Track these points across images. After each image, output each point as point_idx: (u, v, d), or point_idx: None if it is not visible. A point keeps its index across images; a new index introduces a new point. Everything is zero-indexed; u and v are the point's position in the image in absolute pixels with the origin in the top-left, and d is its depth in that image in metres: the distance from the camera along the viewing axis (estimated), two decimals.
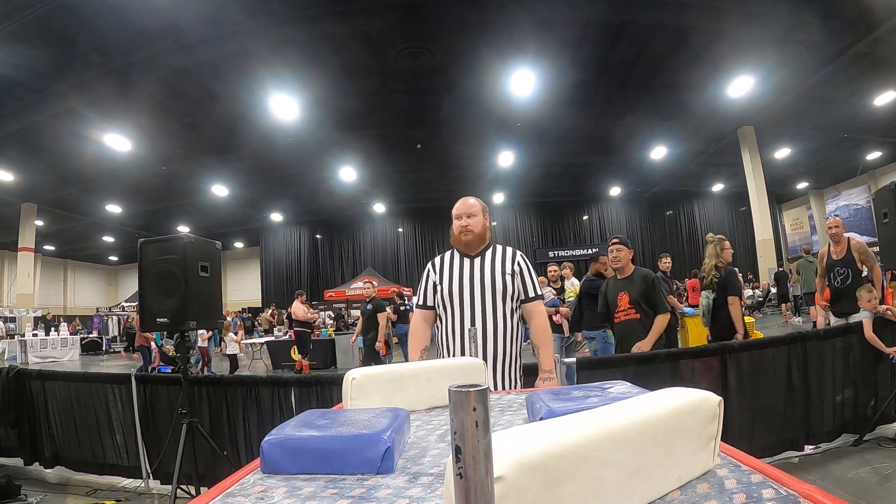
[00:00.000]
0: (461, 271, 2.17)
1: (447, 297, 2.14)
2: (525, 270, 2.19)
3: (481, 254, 2.22)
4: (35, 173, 12.66)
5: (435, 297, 2.20)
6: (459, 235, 2.19)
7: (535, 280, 2.21)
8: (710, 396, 0.60)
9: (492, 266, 2.16)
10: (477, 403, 0.30)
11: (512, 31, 8.00)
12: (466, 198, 2.29)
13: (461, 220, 2.20)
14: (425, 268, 2.31)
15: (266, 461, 0.67)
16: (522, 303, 2.18)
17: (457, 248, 2.25)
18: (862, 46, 8.58)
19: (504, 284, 2.11)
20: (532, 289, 2.18)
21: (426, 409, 1.10)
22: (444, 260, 2.25)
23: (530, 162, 14.78)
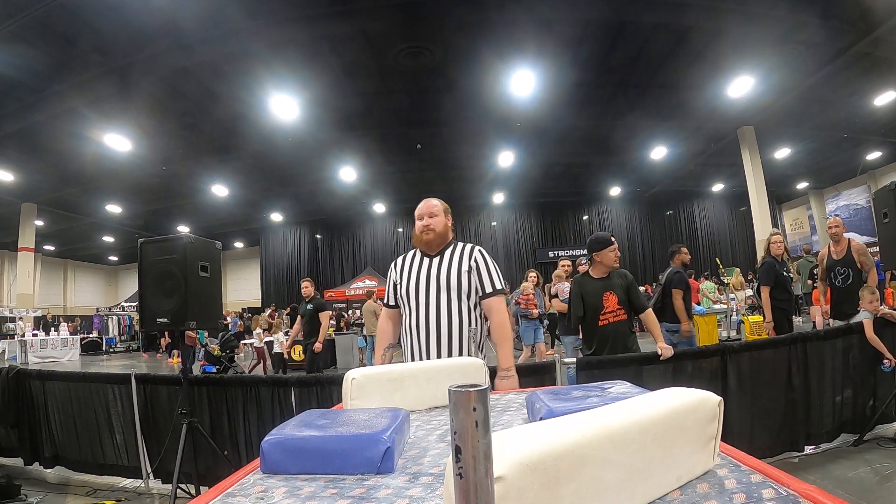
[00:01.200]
0: (419, 270, 2.20)
1: (405, 296, 2.18)
2: (483, 265, 2.17)
3: (441, 253, 2.23)
4: (35, 173, 12.66)
5: (396, 296, 2.25)
6: (421, 235, 2.21)
7: (496, 274, 2.18)
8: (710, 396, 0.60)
9: (449, 264, 2.18)
10: (477, 403, 0.30)
11: (512, 31, 7.99)
12: (429, 199, 2.31)
13: (423, 220, 2.22)
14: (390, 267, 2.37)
15: (266, 461, 0.67)
16: (481, 298, 2.16)
17: (418, 247, 2.28)
18: (862, 46, 8.57)
19: (459, 282, 2.12)
20: (491, 284, 2.15)
21: (426, 409, 1.10)
22: (406, 259, 2.29)
23: (530, 162, 14.77)
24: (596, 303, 3.27)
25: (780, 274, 4.87)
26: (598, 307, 3.26)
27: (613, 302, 3.23)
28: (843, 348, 3.51)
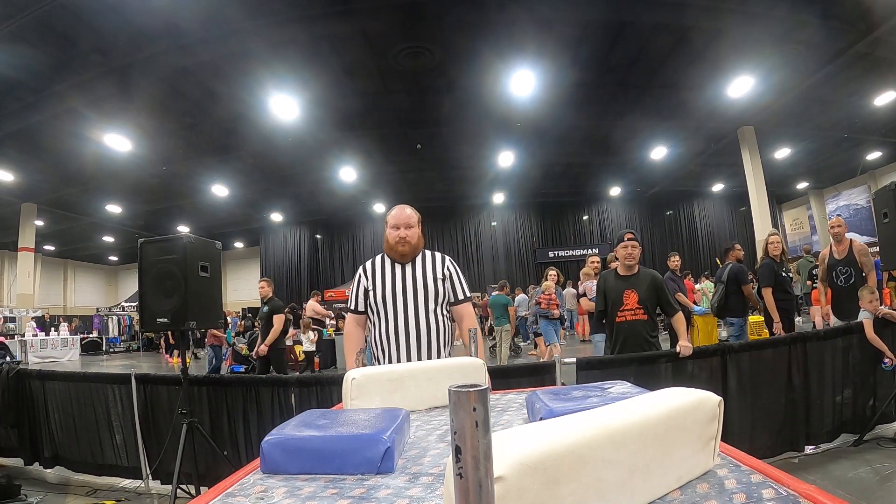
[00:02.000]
0: (393, 277, 2.25)
1: (380, 303, 2.22)
2: (454, 275, 2.31)
3: (412, 261, 2.31)
4: (35, 173, 12.66)
5: (366, 303, 2.28)
6: (396, 245, 2.26)
7: (464, 283, 2.33)
8: (710, 396, 0.60)
9: (423, 272, 2.26)
10: (477, 403, 0.30)
11: (512, 31, 7.99)
12: (403, 207, 2.37)
13: (399, 231, 2.27)
14: (356, 273, 2.39)
15: (266, 461, 0.67)
16: (452, 305, 2.29)
17: (389, 255, 2.33)
18: (862, 46, 8.57)
19: (435, 289, 2.22)
20: (461, 292, 2.30)
21: (426, 409, 1.10)
22: (376, 265, 2.33)
23: (530, 162, 14.77)
24: (616, 299, 3.33)
25: (779, 274, 4.88)
26: (618, 303, 3.31)
27: (633, 300, 3.26)
28: (842, 348, 3.52)
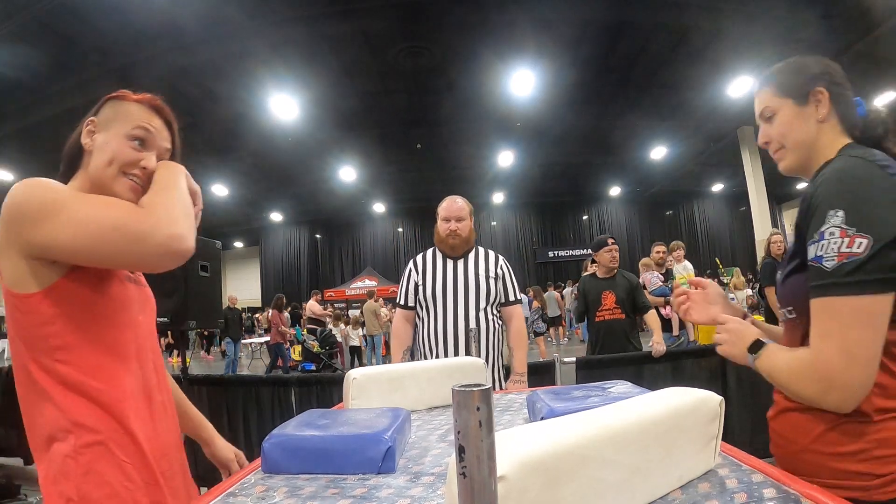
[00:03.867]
0: (444, 273, 2.17)
1: (430, 299, 2.14)
2: (507, 275, 2.25)
3: (465, 256, 2.22)
4: (35, 173, 12.31)
5: (416, 298, 2.20)
6: (447, 238, 2.20)
7: (516, 285, 2.28)
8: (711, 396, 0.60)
9: (476, 269, 2.17)
10: (481, 403, 0.30)
11: (512, 31, 7.99)
12: (454, 198, 2.28)
13: (449, 224, 2.20)
14: (407, 266, 2.31)
15: (267, 461, 0.68)
16: (502, 306, 2.22)
17: (440, 248, 2.26)
18: (862, 46, 8.57)
19: (488, 288, 2.14)
20: (512, 293, 2.24)
21: (427, 408, 1.10)
22: (427, 260, 2.26)
23: (530, 162, 14.77)
24: (595, 300, 3.56)
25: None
26: (597, 304, 3.54)
27: (611, 301, 3.49)
28: None
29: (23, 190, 0.82)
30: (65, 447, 0.80)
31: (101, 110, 0.96)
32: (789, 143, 0.96)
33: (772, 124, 0.99)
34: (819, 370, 0.76)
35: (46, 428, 0.82)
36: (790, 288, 0.88)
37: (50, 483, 0.81)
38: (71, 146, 0.97)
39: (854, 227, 0.75)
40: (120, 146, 0.92)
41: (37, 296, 0.80)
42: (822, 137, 0.94)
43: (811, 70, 0.98)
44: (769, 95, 1.00)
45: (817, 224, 0.79)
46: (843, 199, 0.77)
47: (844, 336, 0.74)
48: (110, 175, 0.91)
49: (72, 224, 0.78)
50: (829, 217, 0.77)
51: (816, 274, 0.78)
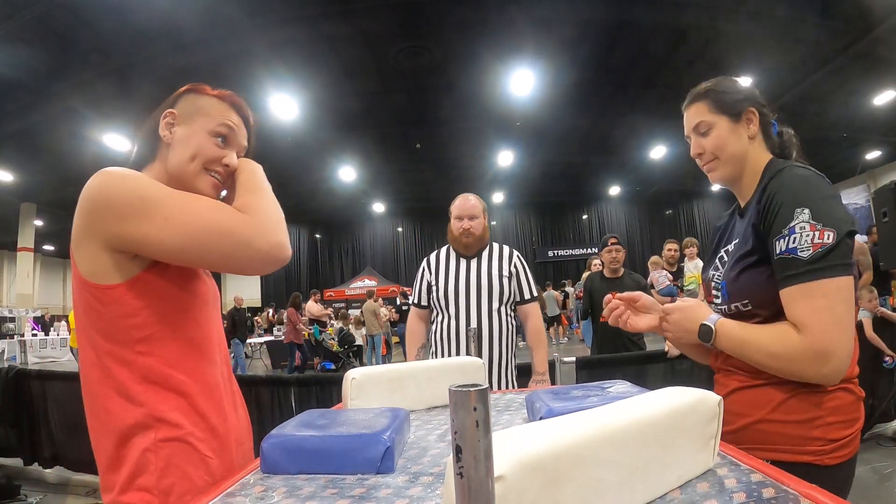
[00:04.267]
0: (457, 272, 2.13)
1: (443, 298, 2.11)
2: (522, 272, 2.19)
3: (478, 254, 2.19)
4: (35, 173, 12.66)
5: (430, 297, 2.18)
6: (460, 237, 2.15)
7: (531, 281, 2.22)
8: (710, 396, 0.60)
9: (489, 267, 2.13)
10: (478, 403, 0.30)
11: (511, 31, 8.00)
12: (467, 196, 2.24)
13: (462, 223, 2.16)
14: (420, 265, 2.28)
15: (266, 461, 0.68)
16: (517, 304, 2.16)
17: (454, 247, 2.22)
18: (861, 46, 8.58)
19: (501, 286, 2.09)
20: (528, 291, 2.18)
21: (426, 408, 1.10)
22: (440, 259, 2.22)
23: (530, 162, 14.78)
24: (600, 300, 3.45)
25: None
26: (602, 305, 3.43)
27: None
28: None
29: (109, 181, 0.79)
30: (144, 441, 0.79)
31: (178, 102, 0.95)
32: (724, 155, 1.06)
33: (706, 138, 1.08)
34: (816, 344, 0.83)
35: (122, 422, 0.79)
36: (746, 282, 0.96)
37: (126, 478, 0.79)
38: (148, 135, 0.95)
39: (820, 222, 0.86)
40: (203, 142, 0.92)
41: (120, 287, 0.79)
42: (750, 153, 1.06)
43: (743, 91, 1.08)
44: (705, 111, 1.08)
45: (784, 221, 0.89)
46: (807, 199, 0.89)
47: (834, 311, 0.84)
48: (193, 171, 0.91)
49: (172, 224, 0.77)
50: (797, 214, 0.88)
51: (792, 264, 0.87)
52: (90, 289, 0.80)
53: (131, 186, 0.78)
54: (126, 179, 0.79)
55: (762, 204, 0.94)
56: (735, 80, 1.11)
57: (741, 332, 0.93)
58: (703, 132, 1.09)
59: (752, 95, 1.09)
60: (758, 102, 1.08)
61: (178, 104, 0.95)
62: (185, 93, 0.96)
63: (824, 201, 0.89)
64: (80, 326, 0.82)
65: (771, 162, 1.05)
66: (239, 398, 1.02)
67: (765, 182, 0.98)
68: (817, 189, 0.91)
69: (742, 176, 1.07)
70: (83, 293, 0.80)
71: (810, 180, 0.93)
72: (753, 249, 0.95)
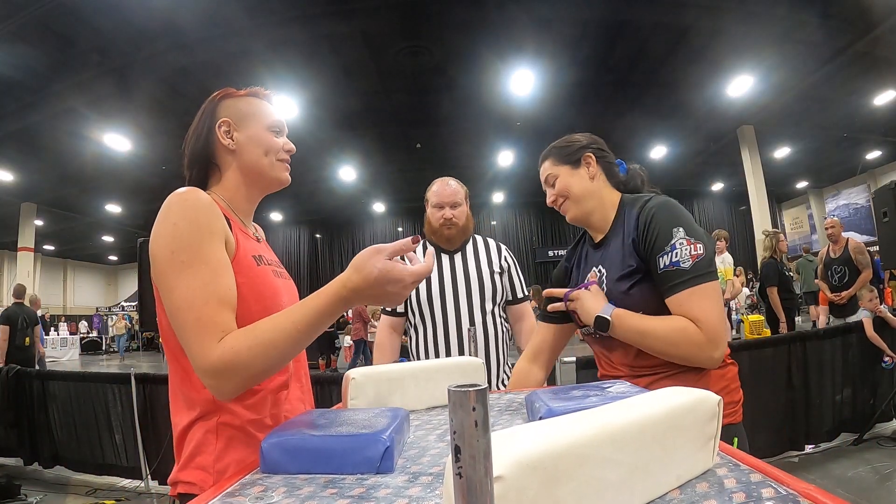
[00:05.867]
0: (440, 271, 1.86)
1: (424, 303, 1.83)
2: (513, 268, 1.94)
3: (461, 248, 1.92)
4: (35, 173, 12.65)
5: (407, 303, 1.88)
6: (441, 229, 1.87)
7: (522, 278, 1.98)
8: (710, 396, 0.60)
9: (476, 263, 1.86)
10: (476, 403, 0.30)
11: (511, 30, 7.99)
12: (446, 180, 1.96)
13: (443, 211, 1.88)
14: None
15: (265, 461, 0.68)
16: (509, 304, 1.94)
17: (433, 240, 1.94)
18: (861, 45, 8.58)
19: (493, 284, 1.84)
20: (520, 288, 1.95)
21: (426, 408, 1.10)
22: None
23: (530, 161, 14.73)
24: None
25: (782, 273, 4.93)
26: None
27: None
28: (842, 347, 3.52)
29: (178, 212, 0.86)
30: (209, 424, 0.86)
31: (220, 110, 1.02)
32: (571, 195, 1.25)
33: (555, 187, 1.28)
34: (710, 334, 1.01)
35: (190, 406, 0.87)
36: (639, 296, 1.11)
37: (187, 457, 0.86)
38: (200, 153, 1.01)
39: (692, 237, 1.06)
40: (268, 138, 1.02)
41: None
42: (597, 192, 1.25)
43: (580, 142, 1.28)
44: (550, 165, 1.29)
45: (665, 240, 1.07)
46: (679, 220, 1.08)
47: (716, 308, 1.03)
48: (268, 164, 1.02)
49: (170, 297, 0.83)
50: (675, 233, 1.07)
51: (677, 274, 1.04)
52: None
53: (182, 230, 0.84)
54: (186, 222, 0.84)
55: (640, 229, 1.11)
56: (574, 135, 1.31)
57: (640, 322, 1.07)
58: (552, 183, 1.28)
59: (589, 143, 1.28)
60: (595, 148, 1.28)
61: (221, 112, 1.02)
62: (221, 99, 1.04)
63: (689, 220, 1.09)
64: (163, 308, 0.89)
65: (623, 198, 1.24)
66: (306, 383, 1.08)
67: (633, 213, 1.15)
68: (680, 210, 1.11)
69: (593, 213, 1.25)
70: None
71: (674, 205, 1.12)
72: (638, 268, 1.11)
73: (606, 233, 1.24)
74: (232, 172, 1.01)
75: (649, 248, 1.09)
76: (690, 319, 1.02)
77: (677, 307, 1.04)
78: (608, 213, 1.24)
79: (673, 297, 1.05)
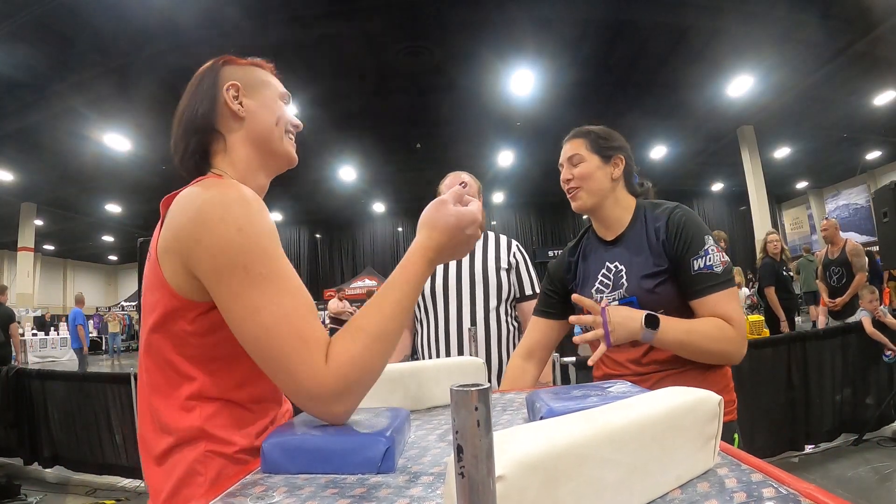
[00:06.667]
0: (446, 266, 1.85)
1: (429, 298, 1.83)
2: (522, 264, 1.90)
3: None
4: (35, 173, 12.66)
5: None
6: None
7: (534, 275, 1.93)
8: (710, 396, 0.60)
9: (484, 259, 1.84)
10: (479, 403, 0.30)
11: (511, 30, 8.00)
12: (459, 173, 1.93)
13: None
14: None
15: (266, 461, 0.68)
16: (517, 301, 1.89)
17: None
18: (861, 46, 8.58)
19: (499, 281, 1.81)
20: (530, 285, 1.91)
21: (426, 408, 1.10)
22: None
23: (530, 162, 14.78)
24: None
25: (780, 273, 4.94)
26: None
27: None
28: (842, 347, 3.52)
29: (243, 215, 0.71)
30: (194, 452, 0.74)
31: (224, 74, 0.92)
32: (588, 187, 1.29)
33: (577, 168, 1.30)
34: (741, 332, 1.12)
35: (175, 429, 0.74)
36: (664, 295, 1.17)
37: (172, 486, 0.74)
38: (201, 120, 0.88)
39: (717, 245, 1.16)
40: (280, 107, 0.96)
41: (200, 305, 0.73)
42: (613, 193, 1.29)
43: (618, 141, 1.32)
44: (582, 147, 1.31)
45: (699, 245, 1.15)
46: (706, 230, 1.18)
47: (741, 311, 1.13)
48: (278, 135, 0.93)
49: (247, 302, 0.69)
50: (706, 240, 1.16)
51: (711, 277, 1.13)
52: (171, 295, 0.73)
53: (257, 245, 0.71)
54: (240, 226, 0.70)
55: (671, 232, 1.18)
56: (613, 131, 1.34)
57: (685, 322, 1.12)
58: (575, 164, 1.31)
59: (624, 147, 1.32)
60: (627, 154, 1.31)
61: (227, 75, 0.92)
62: (224, 65, 0.95)
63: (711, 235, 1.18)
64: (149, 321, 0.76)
65: (640, 202, 1.30)
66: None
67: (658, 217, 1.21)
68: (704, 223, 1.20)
69: (601, 207, 1.29)
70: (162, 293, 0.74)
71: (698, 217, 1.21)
72: (666, 269, 1.17)
73: (621, 232, 1.28)
74: (240, 144, 0.89)
75: (682, 250, 1.15)
76: (723, 318, 1.10)
77: (710, 307, 1.12)
78: (622, 213, 1.29)
79: (706, 298, 1.12)
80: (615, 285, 1.24)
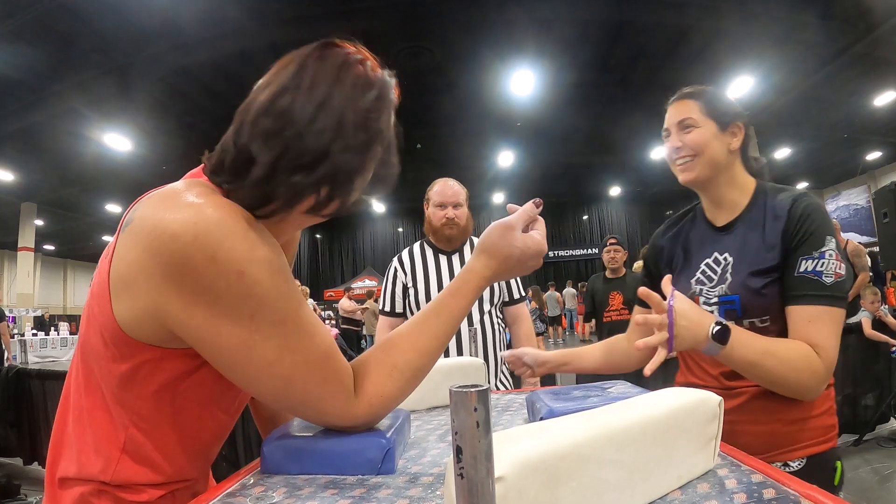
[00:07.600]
0: (438, 270, 1.87)
1: (423, 303, 1.82)
2: None
3: (460, 249, 1.92)
4: (35, 173, 12.66)
5: (405, 302, 1.89)
6: (442, 228, 1.87)
7: (519, 279, 1.95)
8: (711, 396, 0.60)
9: None
10: (478, 404, 0.30)
11: (512, 30, 8.00)
12: (447, 181, 1.97)
13: (445, 211, 1.88)
14: (390, 265, 1.97)
15: (266, 462, 0.67)
16: (505, 305, 1.93)
17: (431, 241, 1.96)
18: (862, 46, 8.58)
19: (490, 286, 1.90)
20: (517, 290, 1.95)
21: (426, 408, 1.10)
22: (415, 256, 1.93)
23: (530, 162, 14.79)
24: (603, 301, 3.61)
25: None
26: (605, 304, 3.59)
27: (618, 301, 3.52)
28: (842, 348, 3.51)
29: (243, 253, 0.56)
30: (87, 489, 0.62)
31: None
32: (703, 156, 1.07)
33: (689, 134, 1.08)
34: (825, 364, 0.90)
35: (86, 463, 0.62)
36: (771, 298, 0.97)
37: None
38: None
39: (839, 254, 0.94)
40: None
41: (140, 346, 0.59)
42: (731, 167, 1.08)
43: (736, 108, 1.12)
44: (696, 110, 1.09)
45: (817, 244, 0.94)
46: (832, 231, 0.95)
47: (837, 338, 0.92)
48: None
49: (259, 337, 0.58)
50: (827, 241, 0.94)
51: (816, 285, 0.92)
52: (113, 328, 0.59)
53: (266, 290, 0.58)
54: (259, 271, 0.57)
55: (794, 219, 0.96)
56: (730, 97, 1.15)
57: (763, 341, 0.91)
58: (686, 127, 1.10)
59: (743, 113, 1.11)
60: (747, 122, 1.11)
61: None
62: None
63: (836, 237, 0.96)
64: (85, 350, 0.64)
65: (760, 185, 1.08)
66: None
67: (781, 204, 1.00)
68: (833, 223, 0.97)
69: (715, 185, 1.09)
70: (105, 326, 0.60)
71: (827, 213, 0.98)
72: (777, 266, 0.97)
73: (736, 217, 1.07)
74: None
75: (798, 243, 0.95)
76: (810, 343, 0.90)
77: (802, 321, 0.92)
78: (739, 195, 1.08)
79: (802, 308, 0.92)
80: (720, 279, 1.04)
